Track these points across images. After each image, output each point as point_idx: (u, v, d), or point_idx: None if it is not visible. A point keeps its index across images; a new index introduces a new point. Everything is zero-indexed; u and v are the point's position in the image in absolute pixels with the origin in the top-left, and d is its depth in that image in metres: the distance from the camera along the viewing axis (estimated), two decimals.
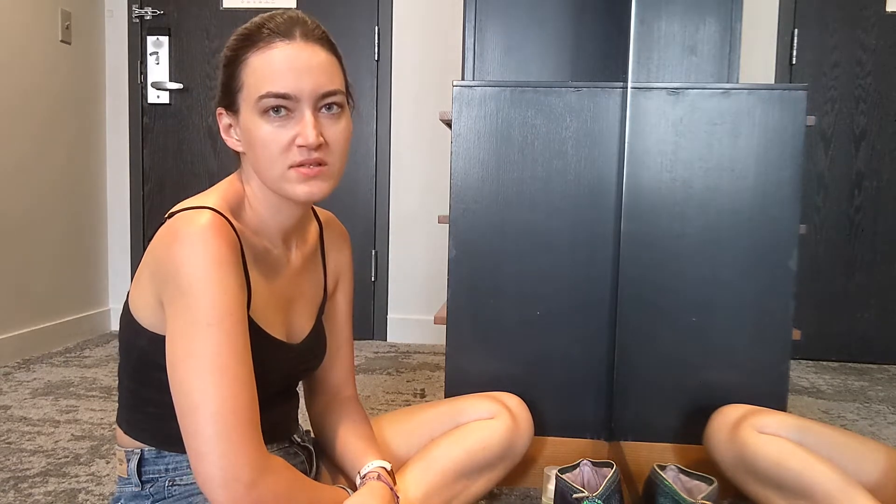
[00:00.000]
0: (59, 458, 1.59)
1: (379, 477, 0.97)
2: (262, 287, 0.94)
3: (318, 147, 0.87)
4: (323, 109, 0.89)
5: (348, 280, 1.15)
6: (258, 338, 0.92)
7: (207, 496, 0.79)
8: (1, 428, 1.79)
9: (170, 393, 0.87)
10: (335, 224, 1.15)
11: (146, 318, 0.90)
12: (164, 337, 0.85)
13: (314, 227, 1.09)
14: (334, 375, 1.14)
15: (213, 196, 0.92)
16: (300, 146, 0.87)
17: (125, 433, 0.97)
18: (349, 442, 1.06)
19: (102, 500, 1.38)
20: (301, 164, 0.88)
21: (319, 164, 0.89)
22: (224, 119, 0.93)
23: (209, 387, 0.79)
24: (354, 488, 0.99)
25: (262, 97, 0.86)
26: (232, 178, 0.98)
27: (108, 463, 1.57)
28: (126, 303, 0.94)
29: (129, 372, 0.96)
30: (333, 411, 1.12)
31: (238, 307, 0.83)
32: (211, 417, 0.79)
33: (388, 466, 1.00)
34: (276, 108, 0.86)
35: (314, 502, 0.89)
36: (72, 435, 1.74)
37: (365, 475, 0.98)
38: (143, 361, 0.92)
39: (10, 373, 2.33)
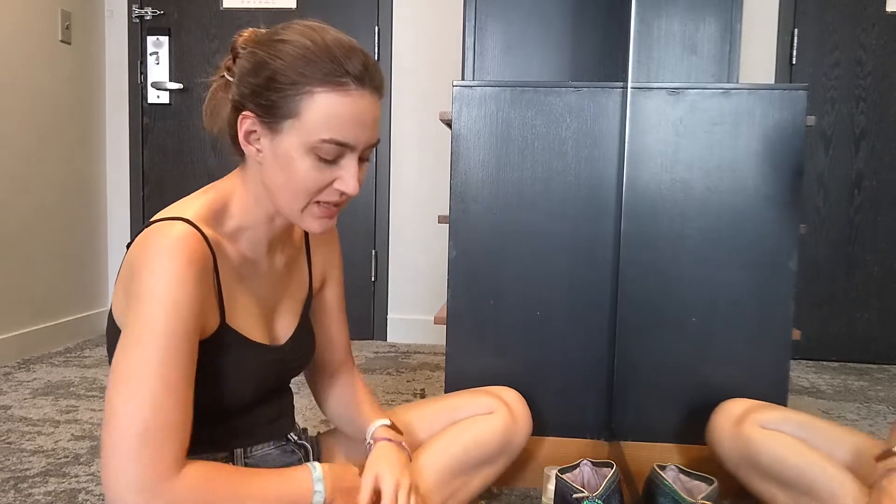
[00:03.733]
0: (59, 458, 1.59)
1: (389, 438, 1.03)
2: (240, 294, 0.94)
3: None
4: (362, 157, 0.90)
5: (337, 273, 1.16)
6: (238, 344, 0.93)
7: None
8: (1, 428, 1.79)
9: None
10: None
11: (125, 323, 0.90)
12: None
13: (299, 227, 1.09)
14: (333, 357, 1.18)
15: (193, 204, 0.90)
16: (341, 193, 0.89)
17: None
18: (352, 414, 1.11)
19: (102, 500, 1.38)
20: (327, 204, 0.90)
21: (339, 205, 0.92)
22: (248, 124, 0.88)
23: (131, 405, 0.77)
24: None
25: (325, 141, 0.84)
26: (225, 181, 0.97)
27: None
28: (110, 307, 0.94)
29: None
30: (330, 386, 1.17)
31: (187, 329, 0.81)
32: (121, 436, 0.77)
33: (388, 422, 1.06)
34: (329, 155, 0.86)
35: (241, 494, 0.84)
36: (72, 435, 1.74)
37: (371, 439, 1.04)
38: None
39: (10, 373, 2.33)
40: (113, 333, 0.91)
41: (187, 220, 0.85)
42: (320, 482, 0.88)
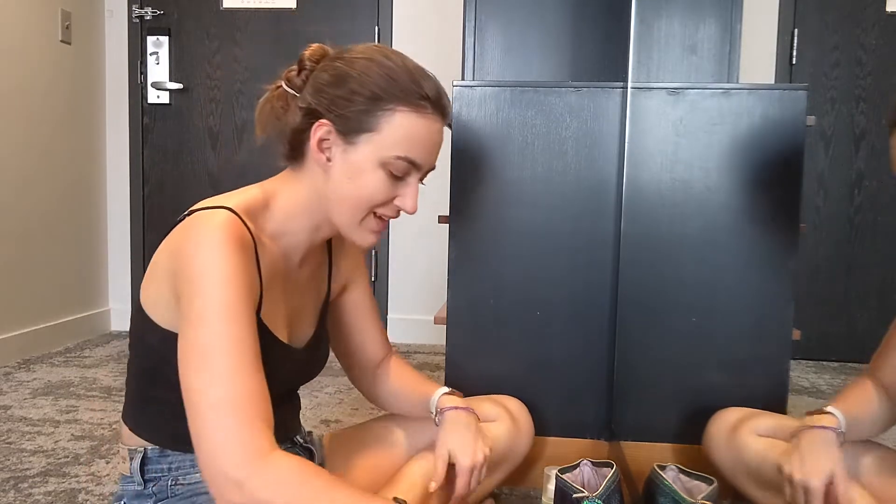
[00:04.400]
0: (59, 458, 1.59)
1: (455, 407, 1.08)
2: (272, 292, 0.95)
3: None
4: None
5: (361, 276, 1.17)
6: (266, 340, 0.92)
7: (210, 489, 0.77)
8: (1, 428, 1.79)
9: (176, 392, 0.86)
10: None
11: (160, 314, 0.89)
12: (175, 334, 0.85)
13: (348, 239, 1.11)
14: (372, 354, 1.19)
15: (234, 198, 0.91)
16: (399, 209, 0.94)
17: (131, 431, 0.97)
18: (406, 393, 1.15)
19: (102, 500, 1.38)
20: (383, 219, 0.94)
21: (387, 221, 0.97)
22: (323, 132, 0.90)
23: (205, 380, 0.77)
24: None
25: (399, 158, 0.89)
26: (269, 182, 0.98)
27: (108, 463, 1.57)
28: (138, 299, 0.93)
29: (139, 369, 0.96)
30: (376, 378, 1.19)
31: (246, 304, 0.82)
32: (204, 411, 0.76)
33: (448, 389, 1.11)
34: (399, 171, 0.90)
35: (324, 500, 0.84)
36: (72, 435, 1.74)
37: (436, 409, 1.09)
38: (153, 358, 0.92)
39: (10, 373, 2.33)
40: (141, 321, 0.91)
41: (228, 209, 0.86)
42: None
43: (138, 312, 0.92)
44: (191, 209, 0.89)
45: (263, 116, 0.98)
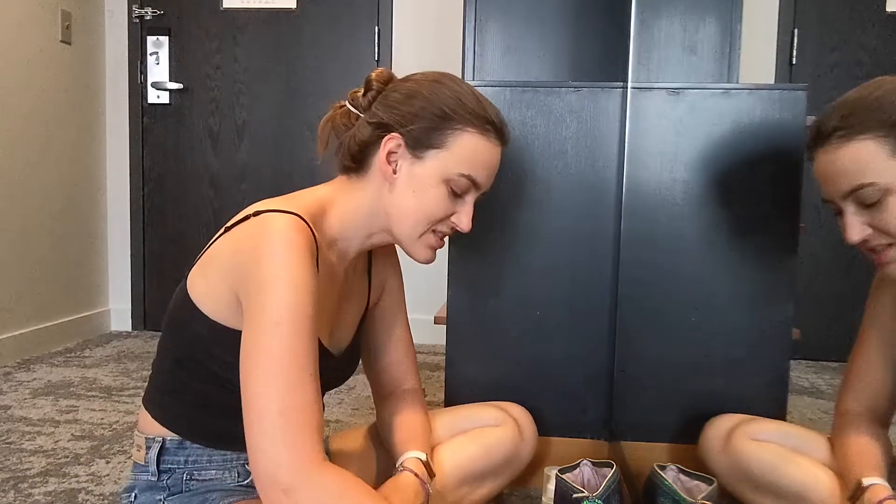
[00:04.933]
0: (59, 458, 1.59)
1: (415, 469, 0.99)
2: (322, 298, 0.96)
3: None
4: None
5: (397, 283, 1.18)
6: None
7: (258, 489, 0.79)
8: (1, 428, 1.79)
9: (213, 385, 0.89)
10: None
11: (210, 305, 0.90)
12: (227, 329, 0.88)
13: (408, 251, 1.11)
14: (391, 370, 1.17)
15: (298, 203, 0.92)
16: (454, 226, 0.99)
17: (154, 418, 0.97)
18: (395, 432, 1.09)
19: (102, 499, 1.38)
20: (440, 236, 0.99)
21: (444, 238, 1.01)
22: (392, 145, 0.94)
23: (269, 385, 0.79)
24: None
25: (462, 175, 0.94)
26: (324, 188, 0.99)
27: (108, 463, 1.57)
28: (184, 286, 0.93)
29: (177, 357, 0.95)
30: (390, 402, 1.15)
31: (311, 311, 0.84)
32: (265, 415, 0.78)
33: (424, 457, 1.01)
34: (460, 189, 0.95)
35: None
36: (72, 435, 1.74)
37: (399, 465, 1.00)
38: (196, 348, 0.92)
39: (10, 373, 2.33)
40: (187, 310, 0.91)
41: (297, 215, 0.88)
42: None
43: (185, 301, 0.93)
44: (256, 209, 0.90)
45: (325, 133, 1.02)
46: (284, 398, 0.79)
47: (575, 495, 1.14)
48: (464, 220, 0.98)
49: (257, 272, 0.83)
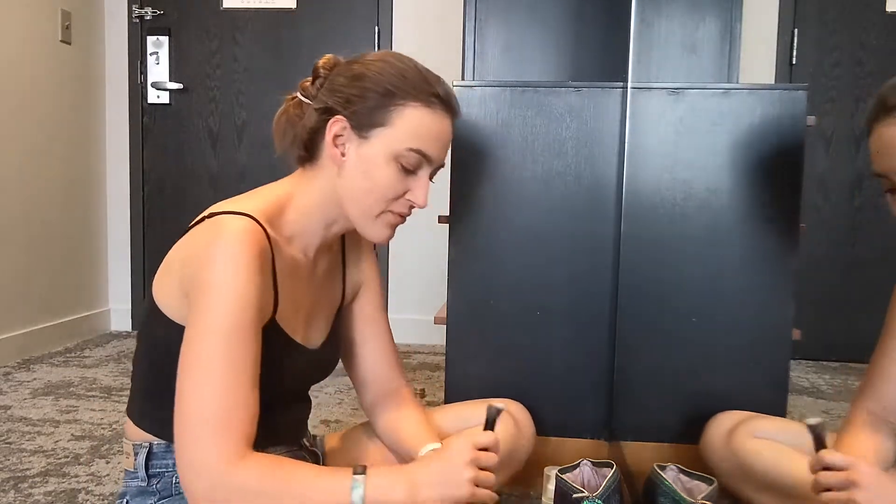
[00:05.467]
0: (59, 458, 1.59)
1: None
2: (289, 293, 0.96)
3: None
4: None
5: (373, 282, 1.17)
6: (284, 342, 0.95)
7: (183, 488, 0.82)
8: (1, 428, 1.79)
9: None
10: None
11: (172, 309, 0.91)
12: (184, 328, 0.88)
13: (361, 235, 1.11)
14: (377, 369, 1.15)
15: (254, 201, 0.93)
16: (411, 204, 0.96)
17: (136, 424, 0.98)
18: (400, 432, 1.08)
19: (102, 499, 1.38)
20: (398, 215, 0.97)
21: (404, 218, 0.99)
22: (338, 128, 0.93)
23: (196, 390, 0.81)
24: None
25: (410, 150, 0.93)
26: (281, 184, 1.00)
27: (108, 463, 1.57)
28: (151, 291, 0.94)
29: (148, 362, 0.97)
30: (382, 405, 1.14)
31: (253, 321, 0.84)
32: (188, 419, 0.81)
33: (440, 446, 1.01)
34: (411, 165, 0.93)
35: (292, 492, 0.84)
36: (72, 435, 1.74)
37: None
38: (162, 351, 0.93)
39: (10, 373, 2.33)
40: (153, 313, 0.93)
41: (250, 216, 0.88)
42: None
43: (150, 305, 0.94)
44: (211, 211, 0.90)
45: (280, 127, 1.01)
46: (210, 404, 0.80)
47: (575, 495, 1.14)
48: (419, 195, 0.96)
49: (201, 275, 0.84)
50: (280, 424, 1.02)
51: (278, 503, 0.81)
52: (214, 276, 0.83)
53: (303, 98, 0.99)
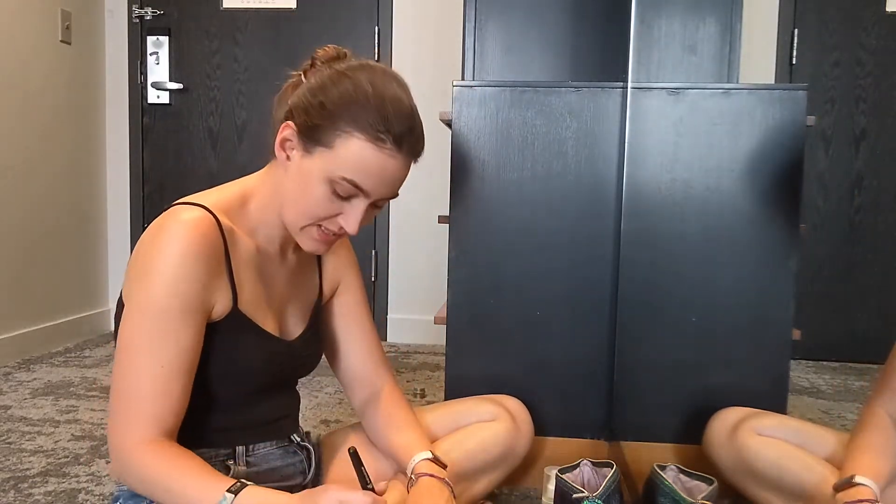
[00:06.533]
0: (59, 458, 1.59)
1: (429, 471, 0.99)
2: (254, 283, 0.97)
3: None
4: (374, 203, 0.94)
5: (353, 279, 1.15)
6: (248, 330, 0.95)
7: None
8: (1, 428, 1.79)
9: None
10: None
11: None
12: None
13: None
14: (362, 368, 1.15)
15: (215, 194, 0.95)
16: (340, 227, 0.92)
17: None
18: (390, 437, 1.07)
19: (102, 500, 1.38)
20: (327, 231, 0.94)
21: (338, 236, 0.95)
22: (288, 133, 0.92)
23: (119, 371, 0.86)
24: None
25: (345, 179, 0.88)
26: (253, 176, 1.01)
27: (108, 463, 1.57)
28: (120, 292, 0.95)
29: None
30: (372, 406, 1.13)
31: (182, 306, 0.86)
32: (112, 398, 0.86)
33: (430, 454, 1.02)
34: (343, 192, 0.90)
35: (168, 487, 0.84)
36: (72, 435, 1.74)
37: (412, 474, 1.00)
38: None
39: (10, 373, 2.33)
40: (120, 311, 0.93)
41: (203, 207, 0.90)
42: None
43: (119, 302, 0.95)
44: (171, 203, 0.92)
45: (276, 100, 1.00)
46: (130, 388, 0.85)
47: (575, 495, 1.14)
48: (350, 222, 0.92)
49: (139, 261, 0.88)
50: (264, 421, 1.02)
51: (152, 494, 0.85)
52: (150, 262, 0.86)
53: (304, 80, 0.97)
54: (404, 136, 0.90)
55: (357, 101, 0.88)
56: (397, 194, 0.95)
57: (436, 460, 1.02)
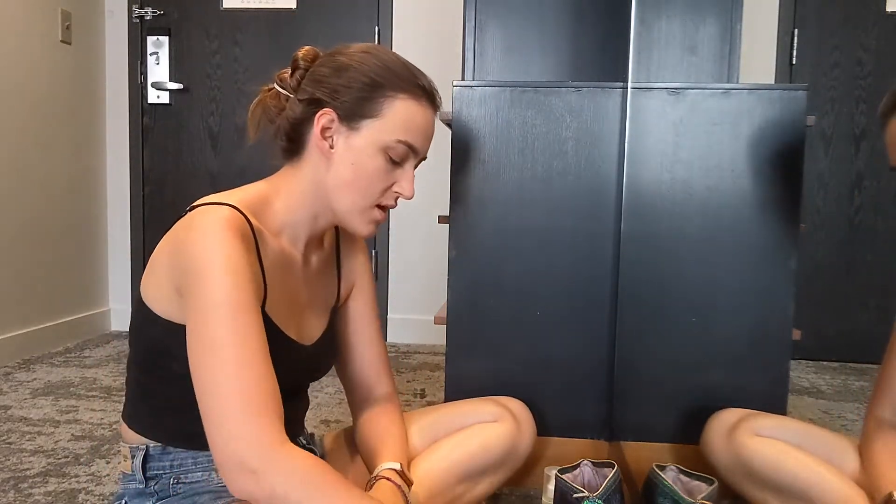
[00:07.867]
0: (59, 458, 1.59)
1: (391, 479, 0.95)
2: (278, 286, 0.95)
3: None
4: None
5: (366, 283, 1.16)
6: (272, 334, 0.92)
7: (223, 477, 0.78)
8: (1, 428, 1.79)
9: (177, 385, 0.87)
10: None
11: (160, 305, 0.90)
12: (178, 325, 0.87)
13: (331, 231, 1.11)
14: (366, 374, 1.14)
15: (235, 195, 0.93)
16: (398, 196, 0.97)
17: (130, 428, 0.97)
18: (373, 445, 1.06)
19: (102, 499, 1.38)
20: (384, 208, 0.97)
21: (387, 211, 0.99)
22: (326, 120, 0.93)
23: (220, 369, 0.78)
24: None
25: (399, 142, 0.93)
26: (268, 181, 1.00)
27: (108, 463, 1.57)
28: (138, 292, 0.94)
29: (140, 364, 0.96)
30: (366, 411, 1.12)
31: (251, 295, 0.83)
32: (222, 400, 0.77)
33: (398, 467, 0.99)
34: (398, 156, 0.94)
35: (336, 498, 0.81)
36: (72, 435, 1.74)
37: (373, 476, 0.97)
38: (154, 350, 0.93)
39: (10, 373, 2.33)
40: (142, 314, 0.92)
41: (231, 205, 0.88)
42: None
43: (139, 306, 0.93)
44: (192, 205, 0.90)
45: (255, 118, 1.01)
46: (239, 380, 0.78)
47: (575, 495, 1.14)
48: (406, 187, 0.96)
49: (191, 263, 0.83)
50: None
51: (309, 500, 0.77)
52: (205, 260, 0.82)
53: (280, 90, 0.99)
54: (432, 88, 0.97)
55: (388, 67, 0.93)
56: (426, 156, 1.00)
57: (402, 474, 0.98)
